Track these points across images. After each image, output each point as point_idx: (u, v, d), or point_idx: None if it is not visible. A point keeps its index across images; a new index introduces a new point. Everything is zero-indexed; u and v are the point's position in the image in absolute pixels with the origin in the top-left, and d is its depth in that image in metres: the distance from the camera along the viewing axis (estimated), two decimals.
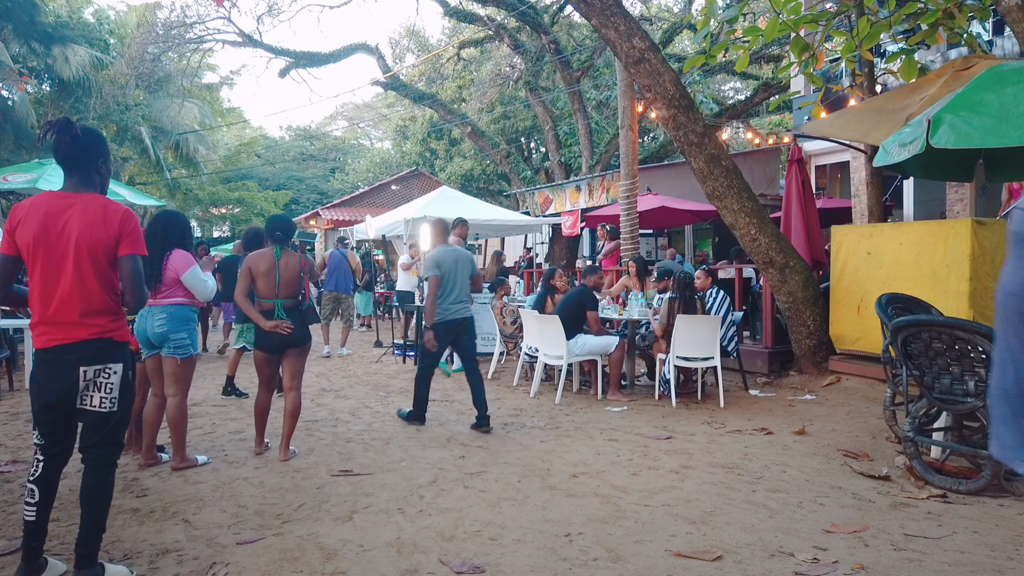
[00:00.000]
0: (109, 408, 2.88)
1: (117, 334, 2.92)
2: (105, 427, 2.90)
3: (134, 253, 2.89)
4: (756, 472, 4.42)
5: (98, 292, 2.85)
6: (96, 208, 2.84)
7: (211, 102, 29.47)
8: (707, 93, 19.36)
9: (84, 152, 2.92)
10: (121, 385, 2.92)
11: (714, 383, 6.97)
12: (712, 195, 7.59)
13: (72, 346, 2.81)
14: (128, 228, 2.87)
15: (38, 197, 2.89)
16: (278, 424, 5.10)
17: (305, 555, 3.18)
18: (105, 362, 2.87)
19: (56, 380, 2.82)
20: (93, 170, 2.95)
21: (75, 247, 2.79)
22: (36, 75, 18.14)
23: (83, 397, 2.84)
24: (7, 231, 2.84)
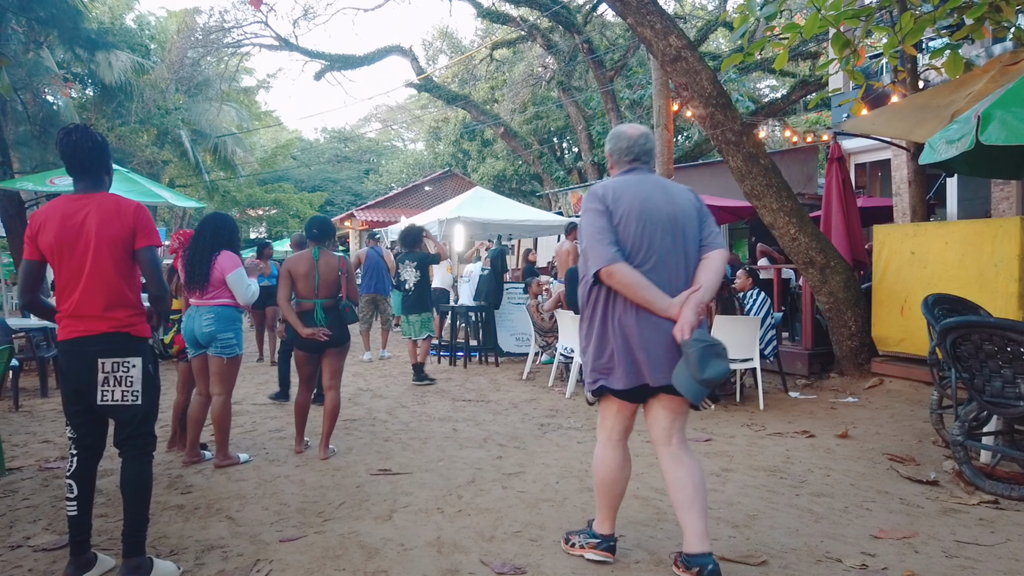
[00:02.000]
0: (132, 402, 2.93)
1: (136, 329, 2.98)
2: (133, 421, 2.95)
3: (150, 244, 2.97)
4: (799, 476, 4.35)
5: (118, 285, 2.91)
6: (110, 204, 2.93)
7: (248, 105, 29.97)
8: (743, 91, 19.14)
9: (99, 156, 3.02)
10: (143, 379, 2.96)
11: (753, 385, 6.88)
12: (750, 194, 7.49)
13: (92, 338, 2.89)
14: (142, 220, 2.95)
15: (54, 202, 2.98)
16: (317, 423, 5.15)
17: (347, 553, 3.21)
18: (123, 356, 2.93)
19: (77, 371, 2.90)
20: (104, 172, 3.05)
21: (95, 243, 2.87)
22: (80, 80, 18.58)
23: (104, 392, 2.90)
24: (29, 238, 2.93)
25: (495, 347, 9.73)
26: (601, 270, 2.75)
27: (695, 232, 2.88)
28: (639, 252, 2.79)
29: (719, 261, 2.85)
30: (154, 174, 21.59)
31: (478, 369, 9.23)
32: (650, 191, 2.87)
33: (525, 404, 6.77)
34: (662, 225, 2.82)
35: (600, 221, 2.81)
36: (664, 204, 2.86)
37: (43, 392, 7.45)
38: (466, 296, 10.58)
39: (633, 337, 2.79)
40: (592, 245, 2.80)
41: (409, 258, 8.09)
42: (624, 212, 2.81)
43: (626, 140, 2.99)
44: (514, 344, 10.12)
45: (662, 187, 2.93)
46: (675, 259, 2.82)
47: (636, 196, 2.84)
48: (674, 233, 2.83)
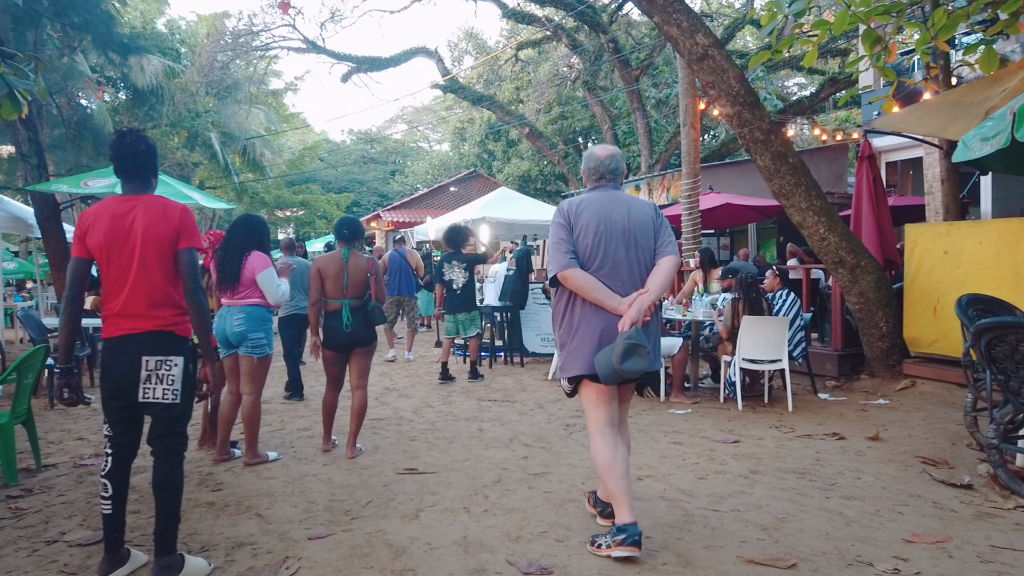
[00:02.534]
0: (172, 400, 2.98)
1: (179, 328, 3.03)
2: (169, 418, 3.00)
3: (191, 247, 3.02)
4: (829, 478, 4.30)
5: (162, 285, 2.97)
6: (157, 206, 2.98)
7: (276, 107, 30.31)
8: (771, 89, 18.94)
9: (150, 159, 3.09)
10: (183, 378, 3.01)
11: (781, 386, 6.80)
12: (779, 193, 7.42)
13: (137, 336, 2.94)
14: (186, 223, 3.01)
15: (103, 202, 3.04)
16: (344, 422, 5.20)
17: (374, 552, 3.23)
18: (167, 354, 2.97)
19: (120, 368, 2.95)
20: (152, 175, 3.12)
21: (141, 243, 2.93)
22: (113, 84, 18.94)
23: (145, 389, 2.95)
24: (77, 237, 2.99)
25: (520, 347, 9.74)
26: (558, 274, 3.19)
27: (649, 242, 3.26)
28: (595, 259, 3.19)
29: (667, 267, 3.22)
30: (185, 176, 21.93)
31: (503, 369, 9.25)
32: (610, 206, 3.26)
33: (551, 404, 6.76)
34: (617, 236, 3.21)
35: (560, 233, 3.23)
36: (621, 217, 3.24)
37: None
38: (491, 296, 10.57)
39: (590, 330, 3.19)
40: (552, 253, 3.24)
41: (457, 259, 8.15)
42: (583, 224, 3.21)
43: (594, 161, 3.40)
44: (539, 344, 10.12)
45: (623, 202, 3.30)
46: (628, 265, 3.22)
47: (596, 210, 3.24)
48: (627, 243, 3.22)
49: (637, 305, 3.11)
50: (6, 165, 12.47)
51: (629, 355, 2.99)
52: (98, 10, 10.39)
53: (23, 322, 8.96)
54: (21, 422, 4.67)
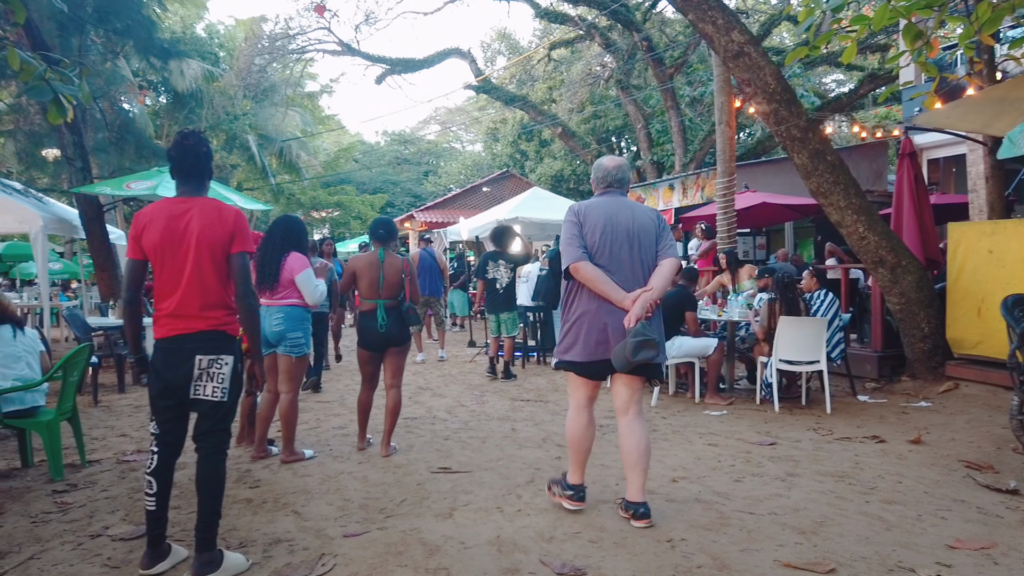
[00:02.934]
0: (220, 398, 3.04)
1: (230, 328, 3.09)
2: (216, 416, 3.06)
3: (243, 251, 3.07)
4: (869, 482, 4.21)
5: (215, 287, 3.02)
6: (212, 209, 3.03)
7: (312, 110, 30.71)
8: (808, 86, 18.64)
9: (207, 162, 3.14)
10: (231, 376, 3.07)
11: (819, 388, 6.69)
12: (817, 192, 7.29)
13: (190, 335, 2.99)
14: (240, 227, 3.05)
15: (158, 203, 3.08)
16: (379, 420, 5.24)
17: (409, 550, 3.25)
18: (219, 353, 3.03)
19: (173, 367, 3.00)
20: (207, 177, 3.17)
21: (196, 246, 2.97)
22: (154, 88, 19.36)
23: (196, 386, 3.01)
24: (133, 237, 3.04)
25: (553, 347, 9.68)
26: (570, 265, 3.52)
27: (651, 244, 3.60)
28: (601, 255, 3.54)
29: (668, 267, 3.56)
30: (223, 178, 22.32)
31: (536, 369, 9.24)
32: (617, 210, 3.62)
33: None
34: (622, 236, 3.55)
35: (572, 230, 3.58)
36: (626, 220, 3.59)
37: (120, 388, 7.77)
38: (524, 296, 10.56)
39: (593, 322, 3.53)
40: (565, 248, 3.59)
41: (504, 258, 8.18)
42: (592, 224, 3.57)
43: (603, 170, 3.77)
44: None
45: (627, 207, 3.66)
46: (631, 263, 3.55)
47: (604, 213, 3.60)
48: (631, 243, 3.55)
49: (641, 302, 3.41)
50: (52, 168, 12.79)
51: (639, 349, 3.32)
52: (140, 16, 10.62)
53: (68, 321, 9.19)
54: (66, 419, 4.80)
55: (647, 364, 3.42)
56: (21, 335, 4.69)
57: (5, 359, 4.55)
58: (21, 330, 4.73)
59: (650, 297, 3.44)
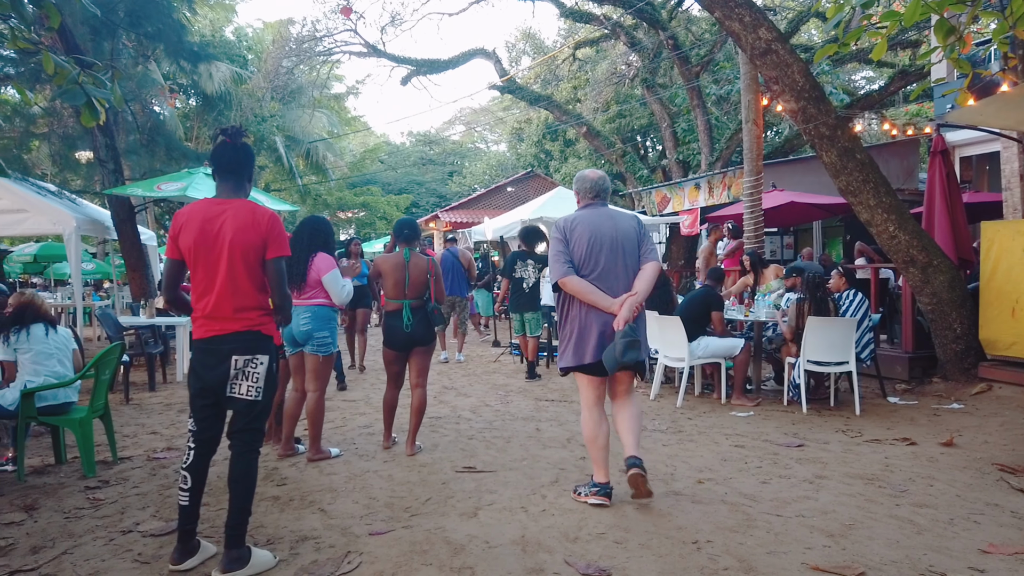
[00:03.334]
0: (255, 396, 3.07)
1: (266, 328, 3.12)
2: (250, 414, 3.09)
3: (279, 255, 3.07)
4: (899, 485, 4.15)
5: (249, 289, 3.05)
6: (246, 212, 3.04)
7: (338, 111, 30.94)
8: (837, 84, 18.38)
9: (244, 161, 3.16)
10: (266, 376, 3.10)
11: (848, 389, 6.60)
12: (845, 190, 7.20)
13: (226, 336, 3.03)
14: (275, 232, 3.05)
15: (196, 204, 3.12)
16: (404, 420, 5.27)
17: (433, 548, 3.26)
18: (254, 353, 3.07)
19: (210, 368, 3.04)
20: (246, 178, 3.19)
21: (228, 249, 3.00)
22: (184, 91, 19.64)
23: (232, 385, 3.05)
24: (171, 237, 3.10)
25: None
26: (558, 280, 3.82)
27: (634, 250, 3.86)
28: (588, 264, 3.81)
29: (650, 271, 3.83)
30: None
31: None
32: (600, 220, 3.88)
33: (608, 405, 6.70)
34: (607, 245, 3.82)
35: (559, 246, 3.85)
36: (609, 230, 3.85)
37: (151, 386, 7.90)
38: (547, 296, 10.53)
39: (586, 327, 3.81)
40: (552, 264, 3.88)
41: (532, 258, 8.19)
42: (577, 237, 3.84)
43: (588, 183, 4.03)
44: None
45: (610, 217, 3.93)
46: (616, 270, 3.81)
47: (588, 225, 3.86)
48: (614, 251, 3.81)
49: (628, 305, 3.69)
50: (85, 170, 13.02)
51: (628, 349, 3.60)
52: (170, 20, 10.77)
53: (100, 320, 9.36)
54: (98, 416, 4.89)
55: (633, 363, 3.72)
56: (53, 333, 4.79)
57: (38, 357, 4.64)
58: (54, 328, 4.82)
59: (635, 300, 3.73)
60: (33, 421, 4.63)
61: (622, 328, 3.63)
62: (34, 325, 4.70)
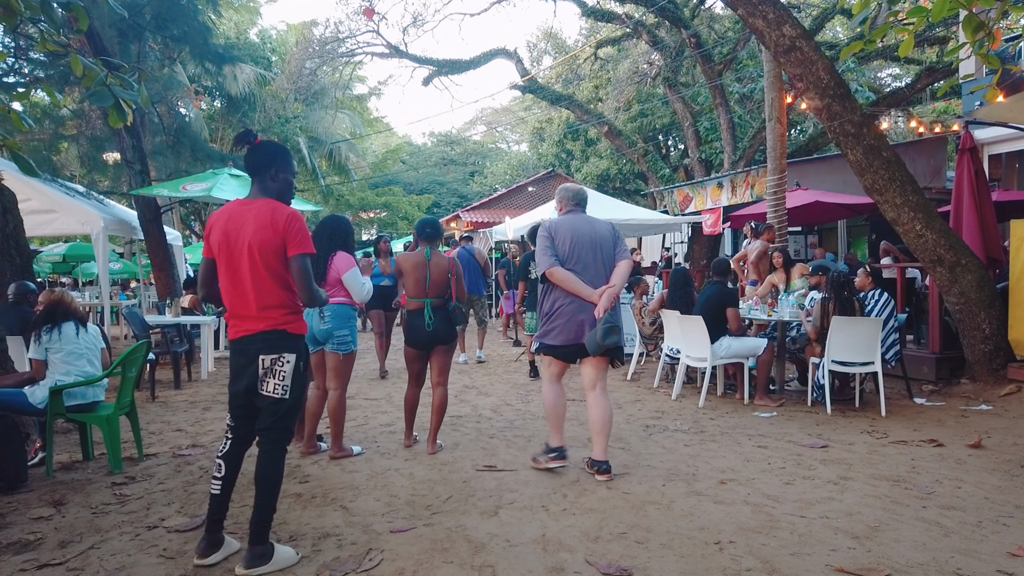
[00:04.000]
0: (281, 395, 3.10)
1: (292, 327, 3.13)
2: (277, 412, 3.12)
3: (301, 253, 3.07)
4: (926, 487, 4.09)
5: (271, 288, 3.07)
6: (266, 212, 3.06)
7: (360, 112, 31.12)
8: (862, 81, 18.14)
9: (259, 161, 3.18)
10: (293, 374, 3.12)
11: (874, 390, 6.52)
12: (871, 189, 7.10)
13: (253, 336, 3.08)
14: (293, 230, 3.05)
15: (228, 205, 3.18)
16: (425, 418, 5.28)
17: (454, 546, 3.27)
18: (280, 351, 3.09)
19: (243, 368, 3.11)
20: (268, 177, 3.18)
21: (248, 249, 3.03)
22: (209, 93, 19.86)
23: (261, 383, 3.09)
24: (205, 236, 3.18)
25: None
26: (546, 271, 4.35)
27: (609, 250, 4.45)
28: (570, 260, 4.37)
29: (623, 267, 4.39)
30: None
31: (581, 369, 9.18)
32: (580, 224, 4.49)
33: (630, 405, 6.69)
34: (586, 244, 4.40)
35: (545, 243, 4.41)
36: (588, 232, 4.45)
37: (176, 384, 8.00)
38: None
39: (568, 314, 4.36)
40: (540, 257, 4.42)
41: None
42: (562, 237, 4.42)
43: (570, 193, 4.68)
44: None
45: (588, 222, 4.53)
46: (595, 265, 4.38)
47: (571, 227, 4.45)
48: (593, 249, 4.40)
49: (607, 296, 4.18)
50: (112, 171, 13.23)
51: (608, 334, 4.15)
52: (196, 22, 10.91)
53: (127, 319, 9.49)
54: (125, 413, 4.96)
55: (613, 347, 4.26)
56: (84, 332, 4.86)
57: (68, 356, 4.71)
58: (84, 327, 4.89)
59: (613, 292, 4.23)
60: (61, 418, 4.71)
61: (602, 316, 4.13)
62: (65, 324, 4.77)
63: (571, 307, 4.33)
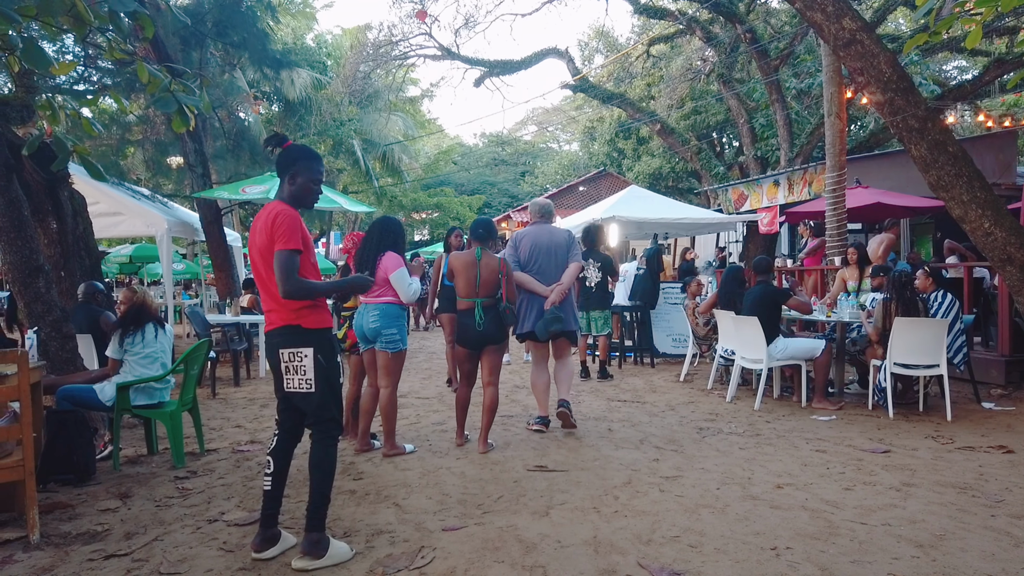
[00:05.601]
0: (307, 389, 3.14)
1: (307, 320, 3.14)
2: (311, 406, 3.17)
3: (281, 248, 3.03)
4: (995, 494, 3.92)
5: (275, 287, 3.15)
6: (266, 214, 3.14)
7: (413, 114, 31.45)
8: (927, 74, 17.53)
9: (282, 164, 3.24)
10: (315, 368, 3.13)
11: (939, 393, 6.29)
12: (936, 185, 6.85)
13: (275, 331, 3.18)
14: (277, 225, 3.05)
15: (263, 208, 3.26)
16: (476, 418, 5.31)
17: (505, 546, 3.27)
18: (296, 346, 3.14)
19: (273, 362, 3.23)
20: (287, 180, 3.23)
21: (259, 250, 3.15)
22: (267, 98, 20.33)
23: (287, 380, 3.17)
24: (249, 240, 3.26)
25: (651, 348, 9.58)
26: None
27: (563, 254, 5.54)
28: (530, 264, 5.49)
29: (573, 268, 5.50)
30: (330, 182, 23.21)
31: (633, 370, 9.12)
32: (541, 234, 5.58)
33: (683, 407, 6.60)
34: (544, 250, 5.51)
35: (510, 251, 5.55)
36: (547, 240, 5.53)
37: (236, 381, 8.21)
38: (621, 296, 10.42)
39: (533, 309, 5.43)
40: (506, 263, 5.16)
41: (593, 257, 8.14)
42: (524, 245, 5.54)
43: (538, 206, 5.79)
44: (671, 345, 9.91)
45: (548, 231, 5.63)
46: (551, 268, 5.48)
47: (533, 237, 5.56)
48: (550, 255, 5.50)
49: (557, 292, 5.34)
50: (175, 174, 13.68)
51: (552, 323, 5.23)
52: (255, 29, 11.20)
53: (190, 318, 9.80)
54: (187, 409, 5.11)
55: (562, 332, 5.32)
56: (162, 334, 5.00)
57: (143, 360, 4.86)
58: (162, 328, 5.04)
59: (562, 289, 5.36)
60: (128, 414, 4.88)
61: (549, 308, 5.25)
62: (147, 326, 4.92)
63: (534, 303, 5.42)
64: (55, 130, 3.81)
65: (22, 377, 3.44)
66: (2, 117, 6.18)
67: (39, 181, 6.40)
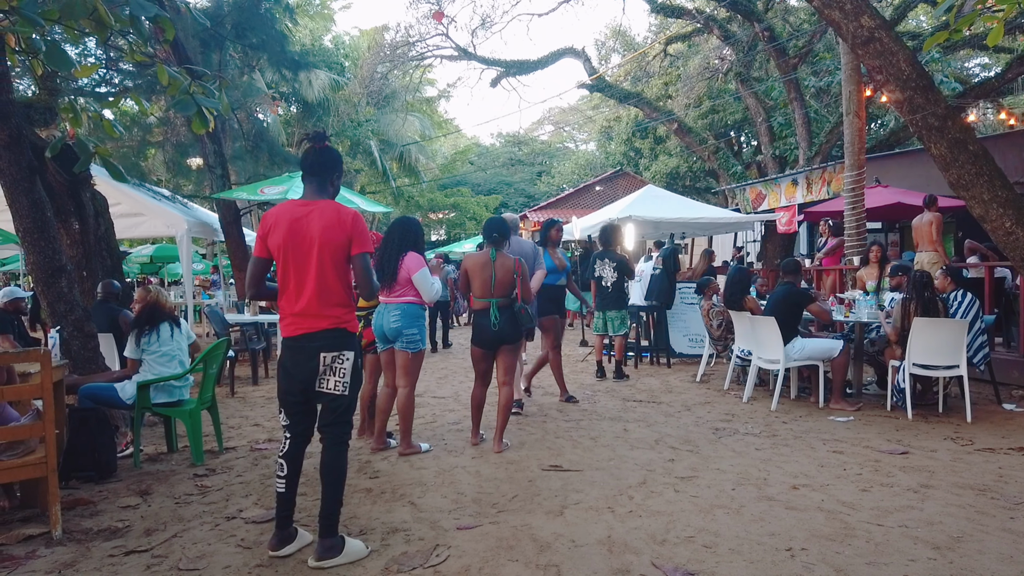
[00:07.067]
0: (341, 391, 3.17)
1: (350, 325, 3.22)
2: (337, 408, 3.20)
3: (363, 251, 3.15)
4: (1014, 497, 3.88)
5: (336, 287, 3.15)
6: (331, 212, 3.15)
7: (430, 115, 31.59)
8: (948, 72, 17.34)
9: (325, 164, 3.26)
10: (352, 371, 3.19)
11: (958, 394, 6.22)
12: (957, 184, 6.77)
13: (315, 334, 3.14)
14: (358, 229, 3.15)
15: (282, 205, 3.26)
16: (491, 417, 5.33)
17: (520, 545, 3.29)
18: (341, 349, 3.17)
19: (300, 365, 3.16)
20: (328, 181, 3.28)
21: (318, 248, 3.11)
22: (285, 99, 20.50)
23: (321, 380, 3.16)
24: (260, 237, 3.23)
25: (667, 348, 9.55)
26: None
27: (531, 263, 5.96)
28: None
29: (537, 275, 5.92)
30: (347, 182, 23.31)
31: (649, 370, 9.11)
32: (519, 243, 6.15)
33: (698, 407, 6.58)
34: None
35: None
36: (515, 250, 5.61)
37: (254, 380, 8.29)
38: (637, 296, 10.40)
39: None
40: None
41: (609, 257, 8.14)
42: None
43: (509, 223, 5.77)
44: (687, 345, 9.88)
45: (517, 242, 6.07)
46: None
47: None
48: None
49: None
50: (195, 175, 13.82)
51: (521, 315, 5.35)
52: (273, 31, 11.30)
53: (209, 318, 9.90)
54: (207, 408, 5.17)
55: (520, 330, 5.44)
56: (177, 332, 5.07)
57: (161, 358, 4.93)
58: (177, 326, 5.11)
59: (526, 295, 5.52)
60: (148, 412, 4.95)
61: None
62: (162, 325, 4.99)
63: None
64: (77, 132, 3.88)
65: (45, 375, 3.50)
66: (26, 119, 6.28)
67: (62, 182, 6.50)
